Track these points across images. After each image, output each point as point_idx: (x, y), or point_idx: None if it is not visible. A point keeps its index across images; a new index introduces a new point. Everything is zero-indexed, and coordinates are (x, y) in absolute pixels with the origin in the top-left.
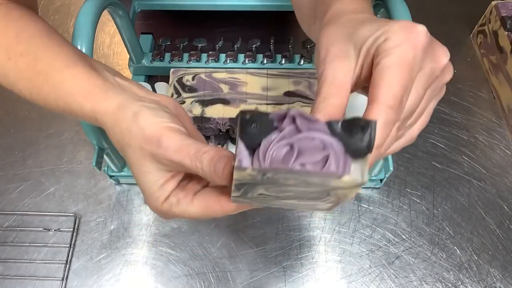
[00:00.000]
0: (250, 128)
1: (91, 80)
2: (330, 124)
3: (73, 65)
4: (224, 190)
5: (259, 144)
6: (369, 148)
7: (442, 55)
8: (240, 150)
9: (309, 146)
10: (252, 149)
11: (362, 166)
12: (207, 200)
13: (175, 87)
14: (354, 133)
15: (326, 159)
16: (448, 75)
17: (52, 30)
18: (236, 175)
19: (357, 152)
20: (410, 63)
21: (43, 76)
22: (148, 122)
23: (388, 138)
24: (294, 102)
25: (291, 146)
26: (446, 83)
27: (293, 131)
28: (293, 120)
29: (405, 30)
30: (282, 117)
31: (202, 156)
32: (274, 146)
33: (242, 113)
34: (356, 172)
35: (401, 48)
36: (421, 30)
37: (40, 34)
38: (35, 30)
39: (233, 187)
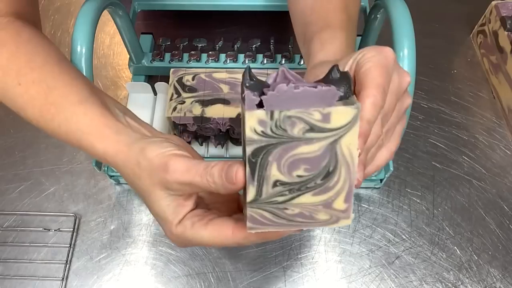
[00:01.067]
0: (251, 81)
1: (103, 119)
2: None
3: (85, 100)
4: (238, 219)
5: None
6: (350, 89)
7: (407, 74)
8: (248, 95)
9: (305, 84)
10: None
11: (353, 101)
12: (220, 225)
13: (175, 87)
14: (336, 80)
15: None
16: (408, 100)
17: (61, 55)
18: (247, 130)
19: (344, 92)
20: (386, 66)
21: (55, 108)
22: (154, 153)
23: (373, 135)
24: None
25: (290, 84)
26: (445, 83)
27: (284, 81)
28: (284, 75)
29: (378, 49)
30: (275, 76)
31: (212, 170)
32: (279, 86)
33: (246, 69)
34: (349, 106)
35: (377, 56)
36: (390, 49)
37: (52, 61)
38: (47, 56)
39: (247, 175)
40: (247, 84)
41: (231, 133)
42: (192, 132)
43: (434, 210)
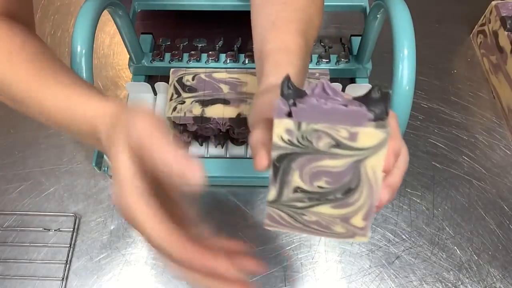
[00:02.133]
0: (288, 90)
1: (94, 93)
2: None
3: (75, 81)
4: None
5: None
6: (386, 111)
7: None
8: (279, 104)
9: (337, 100)
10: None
11: (385, 124)
12: (163, 218)
13: (175, 87)
14: (373, 100)
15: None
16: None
17: (51, 52)
18: (274, 137)
19: (377, 113)
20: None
21: (44, 85)
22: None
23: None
24: None
25: (321, 100)
26: (445, 83)
27: (323, 94)
28: (323, 87)
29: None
30: (314, 88)
31: (177, 151)
32: (309, 99)
33: (285, 78)
34: (379, 129)
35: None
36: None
37: (41, 51)
38: (37, 47)
39: (270, 176)
40: (284, 93)
41: (231, 133)
42: (192, 132)
43: (434, 210)
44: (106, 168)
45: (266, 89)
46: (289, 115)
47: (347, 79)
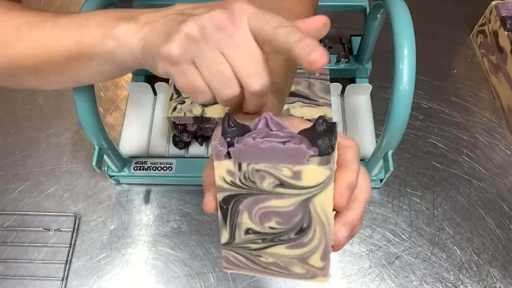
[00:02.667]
0: (230, 128)
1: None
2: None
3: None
4: None
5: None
6: (331, 146)
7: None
8: (216, 146)
9: (278, 136)
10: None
11: (329, 160)
12: None
13: (175, 87)
14: (319, 133)
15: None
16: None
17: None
18: (217, 178)
19: (322, 148)
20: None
21: (52, 22)
22: None
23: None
24: (294, 102)
25: (262, 137)
26: (445, 83)
27: (266, 130)
28: (266, 122)
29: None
30: (257, 123)
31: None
32: (247, 137)
33: (226, 115)
34: (322, 166)
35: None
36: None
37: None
38: (39, 9)
39: (219, 218)
40: (225, 130)
41: None
42: (192, 132)
43: (434, 210)
44: (106, 168)
45: None
46: (230, 155)
47: (347, 79)
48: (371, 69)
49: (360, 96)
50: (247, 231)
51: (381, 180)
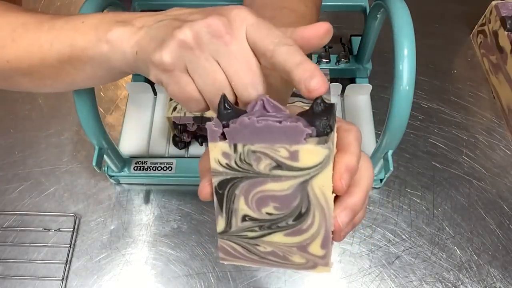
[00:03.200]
0: (226, 111)
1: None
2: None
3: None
4: None
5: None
6: (330, 126)
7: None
8: (210, 126)
9: (275, 116)
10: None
11: (327, 139)
12: None
13: None
14: (317, 114)
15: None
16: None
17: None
18: (212, 162)
19: (320, 128)
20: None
21: (48, 25)
22: None
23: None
24: (294, 102)
25: (258, 116)
26: (445, 83)
27: (262, 111)
28: (263, 104)
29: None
30: (254, 105)
31: None
32: (242, 117)
33: (222, 97)
34: (320, 145)
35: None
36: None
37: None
38: (33, 11)
39: (215, 205)
40: (221, 112)
41: None
42: (192, 132)
43: (434, 210)
44: (106, 168)
45: None
46: (225, 136)
47: (347, 79)
48: (371, 69)
49: (360, 96)
50: (244, 217)
51: (381, 180)
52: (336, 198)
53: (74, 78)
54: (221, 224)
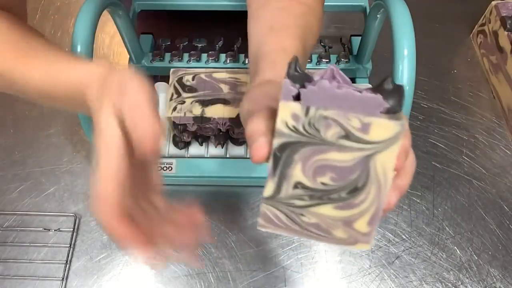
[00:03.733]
0: (295, 72)
1: (81, 59)
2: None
3: (62, 51)
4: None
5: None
6: (400, 104)
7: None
8: (287, 84)
9: (351, 87)
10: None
11: (399, 117)
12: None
13: (175, 87)
14: (387, 91)
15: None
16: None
17: (39, 33)
18: (279, 122)
19: (392, 104)
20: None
21: (31, 57)
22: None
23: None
24: None
25: (333, 83)
26: (445, 83)
27: (332, 80)
28: (333, 74)
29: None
30: (323, 74)
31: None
32: (320, 81)
33: (293, 59)
34: (394, 120)
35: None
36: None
37: (29, 33)
38: (27, 32)
39: (269, 168)
40: (290, 74)
41: (231, 133)
42: (192, 132)
43: (434, 210)
44: None
45: (261, 83)
46: (297, 99)
47: None
48: (371, 69)
49: None
50: (296, 185)
51: None
52: None
53: (54, 105)
54: (269, 189)
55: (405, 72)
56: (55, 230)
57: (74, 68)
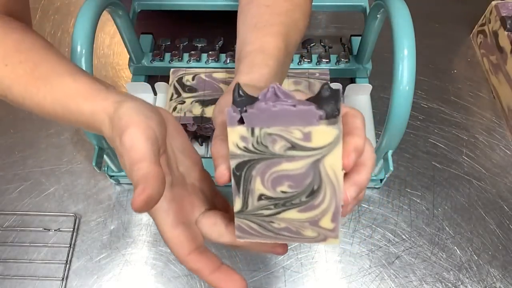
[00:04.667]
0: (240, 97)
1: (93, 85)
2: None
3: (74, 72)
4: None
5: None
6: (337, 109)
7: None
8: (230, 112)
9: (288, 102)
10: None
11: (336, 121)
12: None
13: (175, 87)
14: (324, 98)
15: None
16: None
17: (49, 43)
18: (230, 145)
19: (329, 110)
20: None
21: (42, 81)
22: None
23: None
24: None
25: (269, 103)
26: (445, 83)
27: (275, 98)
28: (274, 91)
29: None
30: (265, 92)
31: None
32: (259, 103)
33: (236, 86)
34: (331, 125)
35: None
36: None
37: (39, 46)
38: (34, 42)
39: (233, 186)
40: (235, 100)
41: None
42: (192, 132)
43: (434, 210)
44: (106, 168)
45: (232, 88)
46: (242, 121)
47: (347, 79)
48: (371, 69)
49: (360, 96)
50: (260, 197)
51: (381, 180)
52: (345, 176)
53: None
54: (238, 204)
55: (405, 72)
56: (55, 230)
57: (85, 99)
